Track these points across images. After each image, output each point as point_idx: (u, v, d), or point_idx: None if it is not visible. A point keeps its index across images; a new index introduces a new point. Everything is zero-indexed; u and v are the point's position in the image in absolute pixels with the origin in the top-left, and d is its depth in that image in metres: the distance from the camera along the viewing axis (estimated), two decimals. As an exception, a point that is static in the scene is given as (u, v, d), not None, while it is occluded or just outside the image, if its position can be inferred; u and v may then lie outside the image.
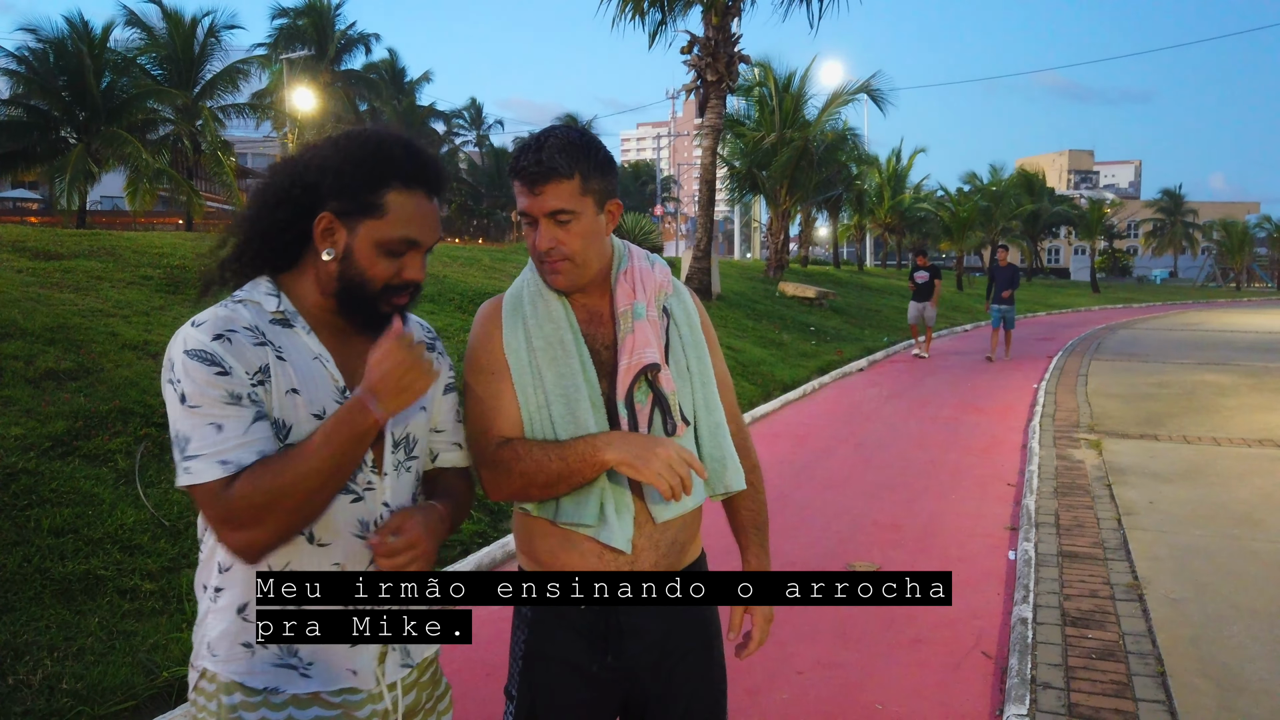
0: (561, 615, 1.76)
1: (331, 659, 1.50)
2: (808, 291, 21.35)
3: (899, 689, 3.79)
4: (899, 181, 40.39)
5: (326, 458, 1.39)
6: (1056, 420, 9.62)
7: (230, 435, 1.38)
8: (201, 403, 1.38)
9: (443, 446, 1.71)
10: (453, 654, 4.01)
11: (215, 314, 1.45)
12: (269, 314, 1.49)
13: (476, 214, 48.80)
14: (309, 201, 1.48)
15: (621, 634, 1.75)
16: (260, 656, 1.48)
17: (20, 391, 5.29)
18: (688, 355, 1.80)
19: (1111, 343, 19.32)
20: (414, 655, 1.63)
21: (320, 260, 1.50)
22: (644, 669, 1.78)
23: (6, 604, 3.69)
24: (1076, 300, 39.92)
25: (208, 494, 1.39)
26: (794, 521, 6.20)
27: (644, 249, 1.89)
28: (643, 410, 1.71)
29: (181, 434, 1.40)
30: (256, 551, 1.41)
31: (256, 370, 1.43)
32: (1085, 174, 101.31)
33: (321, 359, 1.51)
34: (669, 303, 1.82)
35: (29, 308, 6.62)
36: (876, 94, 22.28)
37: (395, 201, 1.46)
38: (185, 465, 1.39)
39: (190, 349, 1.40)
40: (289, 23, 41.43)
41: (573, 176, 1.63)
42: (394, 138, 1.51)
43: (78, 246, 9.29)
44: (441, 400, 1.69)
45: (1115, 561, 5.14)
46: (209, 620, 1.51)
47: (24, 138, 23.68)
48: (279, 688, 1.47)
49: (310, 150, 1.51)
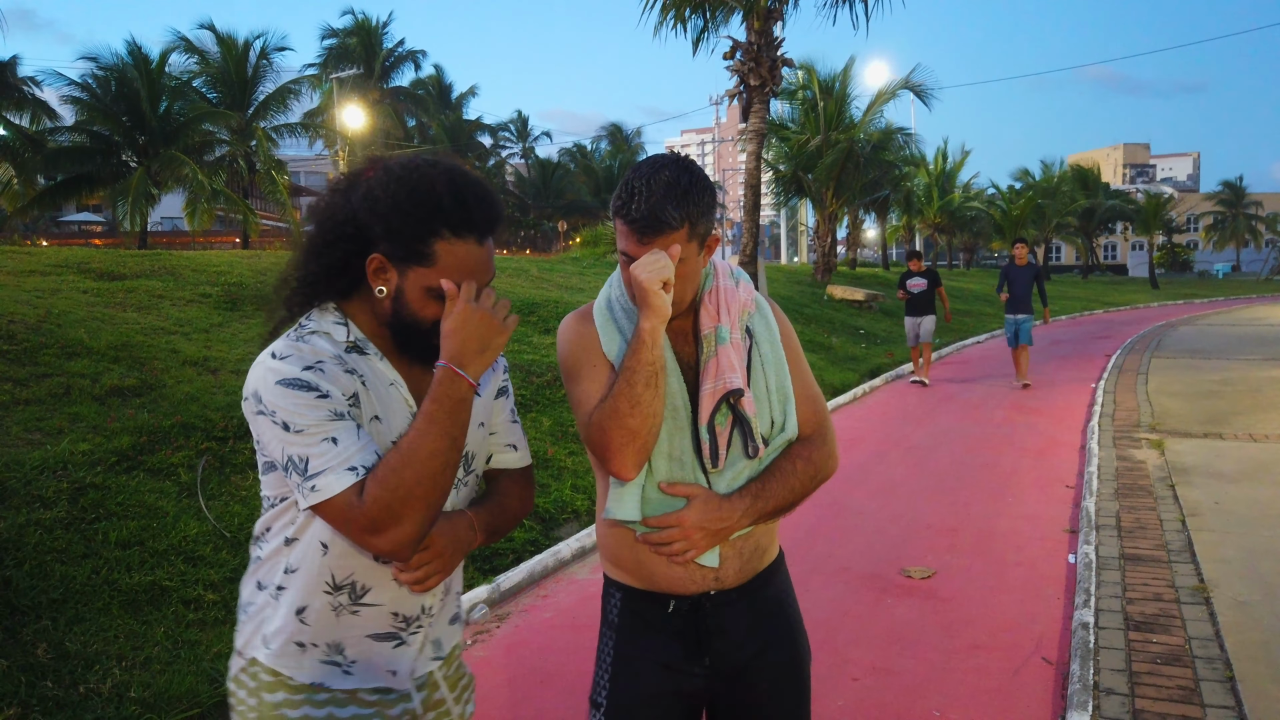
0: (650, 623, 1.79)
1: (373, 660, 1.57)
2: (856, 294, 21.16)
3: (957, 695, 3.73)
4: (948, 180, 39.88)
5: (438, 435, 1.42)
6: (1116, 420, 9.41)
7: (347, 445, 1.42)
8: (307, 425, 1.41)
9: (497, 448, 1.74)
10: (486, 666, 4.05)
11: (296, 347, 1.48)
12: (342, 343, 1.52)
13: (524, 225, 49.18)
14: (362, 240, 1.50)
15: (710, 634, 1.77)
16: (310, 655, 1.55)
17: (87, 408, 5.46)
18: (767, 375, 1.80)
19: (1172, 340, 18.85)
20: (444, 647, 1.69)
21: (375, 294, 1.52)
22: (733, 670, 1.80)
23: (77, 615, 3.81)
24: (1135, 297, 39.00)
25: (342, 507, 1.40)
26: (848, 527, 6.14)
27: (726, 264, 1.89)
28: (722, 433, 1.73)
29: (297, 457, 1.42)
30: (407, 547, 1.43)
31: (350, 395, 1.47)
32: (1141, 168, 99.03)
33: (396, 385, 1.55)
34: (752, 322, 1.83)
35: (94, 327, 6.83)
36: (920, 89, 22.02)
37: (444, 250, 1.48)
38: (311, 484, 1.41)
39: (283, 379, 1.43)
40: (338, 42, 42.30)
41: (681, 227, 1.64)
42: (443, 182, 1.49)
43: (139, 267, 9.57)
44: (495, 405, 1.73)
45: (1180, 564, 5.01)
46: (267, 613, 1.57)
47: (88, 162, 24.50)
48: (324, 683, 1.54)
49: (362, 186, 1.52)
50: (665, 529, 1.69)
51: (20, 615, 3.69)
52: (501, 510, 1.69)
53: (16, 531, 4.11)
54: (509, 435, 1.76)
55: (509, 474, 1.76)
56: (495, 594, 4.80)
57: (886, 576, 5.12)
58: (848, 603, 4.76)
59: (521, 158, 54.65)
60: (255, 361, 1.49)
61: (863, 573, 5.19)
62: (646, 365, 1.60)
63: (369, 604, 1.56)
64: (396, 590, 1.57)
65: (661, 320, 1.61)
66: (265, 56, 28.62)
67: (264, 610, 1.58)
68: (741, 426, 1.74)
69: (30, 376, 5.70)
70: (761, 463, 1.76)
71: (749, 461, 1.75)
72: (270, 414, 1.43)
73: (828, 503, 6.76)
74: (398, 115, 43.76)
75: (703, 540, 1.68)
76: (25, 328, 6.41)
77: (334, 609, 1.55)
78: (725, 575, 1.77)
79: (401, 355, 1.57)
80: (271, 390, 1.43)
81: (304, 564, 1.53)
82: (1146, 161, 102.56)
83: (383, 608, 1.57)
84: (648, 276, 1.59)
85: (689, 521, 1.67)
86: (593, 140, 60.25)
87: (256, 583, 1.61)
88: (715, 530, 1.68)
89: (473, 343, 1.45)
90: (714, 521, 1.68)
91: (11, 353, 5.95)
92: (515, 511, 1.72)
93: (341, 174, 1.60)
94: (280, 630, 1.55)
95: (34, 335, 6.30)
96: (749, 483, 1.73)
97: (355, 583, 1.54)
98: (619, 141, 59.40)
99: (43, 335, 6.34)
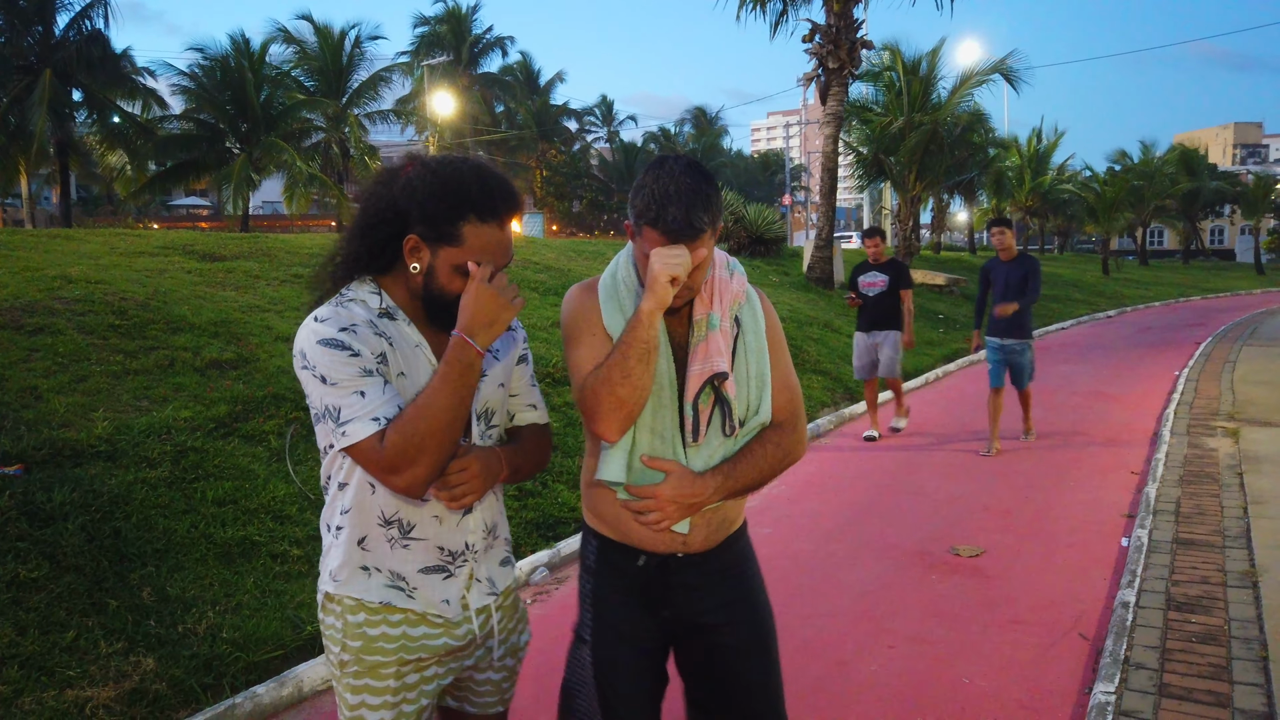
0: (622, 570, 2.02)
1: (431, 590, 1.85)
2: (937, 278, 20.87)
3: (988, 665, 3.87)
4: (1040, 163, 38.71)
5: (450, 393, 1.68)
6: (1194, 408, 9.22)
7: (373, 398, 1.68)
8: (340, 379, 1.68)
9: (519, 408, 2.01)
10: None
11: (336, 312, 1.74)
12: (375, 310, 1.80)
13: (607, 209, 49.59)
14: (400, 223, 1.76)
15: (673, 589, 2.00)
16: (375, 579, 1.82)
17: (189, 379, 5.94)
18: (749, 362, 1.99)
19: (1270, 327, 18.12)
20: (498, 584, 1.97)
21: (409, 270, 1.79)
22: (691, 624, 2.02)
23: (177, 564, 4.23)
24: (1237, 283, 37.32)
25: (367, 450, 1.67)
26: (905, 506, 6.25)
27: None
28: (704, 411, 1.93)
29: (331, 407, 1.69)
30: (421, 485, 1.69)
31: (378, 354, 1.74)
32: (1253, 148, 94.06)
33: (421, 347, 1.82)
34: (741, 312, 2.01)
35: (197, 305, 7.36)
36: (1011, 73, 21.49)
37: (471, 232, 1.73)
38: (342, 430, 1.68)
39: (322, 339, 1.69)
40: (429, 30, 43.21)
41: (707, 230, 1.82)
42: (471, 174, 1.75)
43: (238, 249, 10.18)
44: (516, 369, 1.99)
45: (1234, 549, 5.00)
46: (332, 553, 1.85)
47: (194, 149, 25.79)
48: (391, 603, 1.81)
49: (402, 179, 1.79)
50: (643, 500, 1.89)
51: (128, 562, 4.12)
52: (524, 454, 1.95)
53: (125, 488, 4.56)
54: (529, 396, 2.02)
55: (530, 428, 2.02)
56: (555, 558, 5.11)
57: (935, 554, 5.24)
58: (891, 577, 4.91)
59: (606, 142, 55.01)
60: (302, 324, 1.76)
61: (912, 550, 5.32)
62: (641, 342, 1.80)
63: (417, 538, 1.82)
64: (439, 527, 1.84)
65: (662, 306, 1.80)
66: (359, 45, 29.62)
67: (330, 552, 1.85)
68: (722, 407, 1.94)
69: (139, 349, 6.21)
70: (735, 444, 1.96)
71: (725, 441, 1.95)
72: (312, 368, 1.70)
73: (887, 482, 6.87)
74: (486, 101, 44.57)
75: (676, 512, 1.88)
76: (135, 305, 6.96)
77: (389, 540, 1.80)
78: (693, 541, 1.97)
79: (430, 324, 1.83)
80: (313, 348, 1.70)
81: (357, 502, 1.79)
82: (1259, 141, 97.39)
83: (429, 541, 1.83)
84: (662, 268, 1.77)
85: (665, 495, 1.86)
86: (676, 124, 60.31)
87: (326, 525, 1.88)
88: (688, 504, 1.88)
89: (482, 316, 1.71)
90: (687, 496, 1.87)
91: (123, 327, 6.49)
92: (535, 458, 1.98)
93: (383, 168, 1.88)
94: (345, 562, 1.81)
95: (143, 312, 6.84)
96: (722, 462, 1.93)
97: (402, 519, 1.81)
98: (702, 125, 59.29)
99: (150, 312, 6.88)
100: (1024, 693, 3.63)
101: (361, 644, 1.80)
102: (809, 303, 15.15)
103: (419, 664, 1.84)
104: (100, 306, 6.75)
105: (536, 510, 5.63)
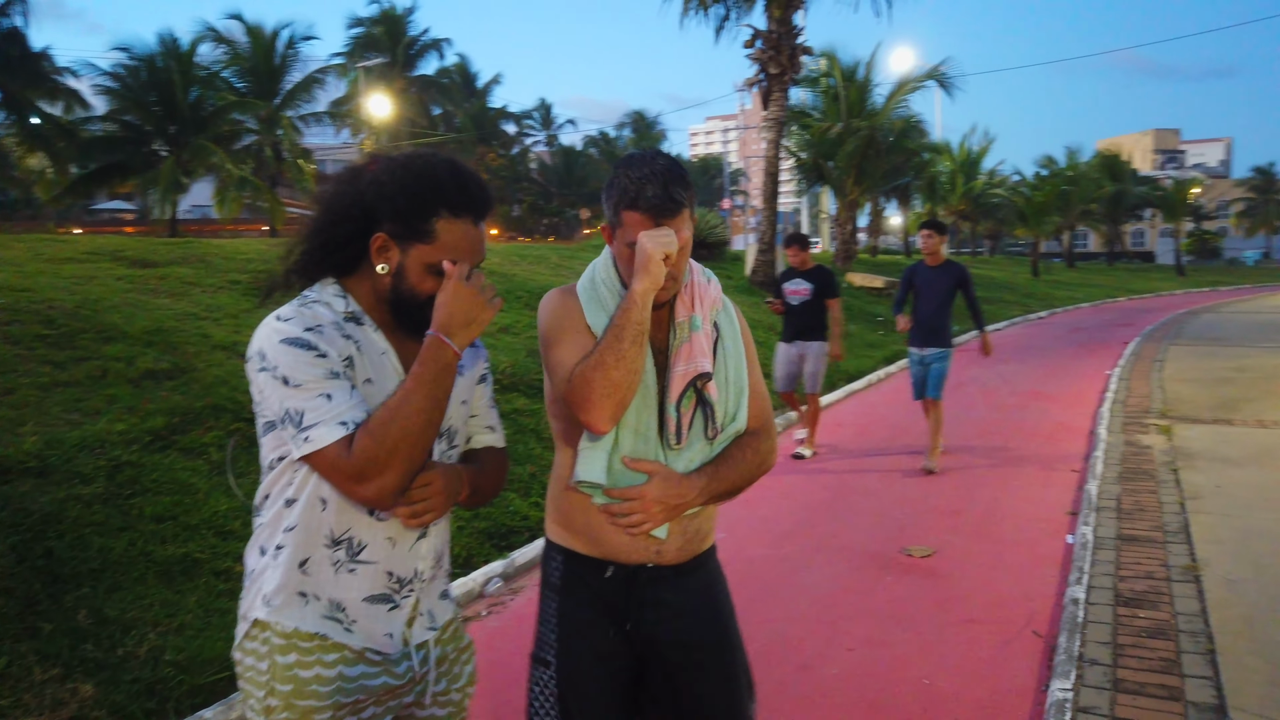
0: (589, 585, 1.95)
1: (372, 624, 1.70)
2: (875, 282, 21.19)
3: (948, 666, 3.90)
4: (972, 168, 39.62)
5: (425, 395, 1.58)
6: (1128, 406, 9.49)
7: (340, 401, 1.57)
8: (305, 381, 1.56)
9: (477, 429, 1.91)
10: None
11: (299, 311, 1.63)
12: (341, 313, 1.69)
13: (546, 213, 49.42)
14: (367, 221, 1.67)
15: (640, 604, 1.93)
16: (312, 607, 1.66)
17: (123, 390, 5.72)
18: (728, 367, 1.97)
19: (1193, 327, 18.79)
20: (438, 619, 1.83)
21: (375, 272, 1.70)
22: (651, 641, 1.95)
23: (115, 584, 4.05)
24: (1159, 284, 38.69)
25: (331, 458, 1.55)
26: (854, 509, 6.30)
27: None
28: (686, 413, 1.90)
29: (293, 410, 1.56)
30: (390, 496, 1.57)
31: (345, 358, 1.63)
32: (1171, 154, 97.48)
33: (388, 354, 1.72)
34: (719, 318, 2.00)
35: (129, 313, 7.10)
36: (945, 79, 21.97)
37: (443, 228, 1.64)
38: (304, 435, 1.55)
39: (286, 338, 1.58)
40: (364, 31, 42.51)
41: (687, 205, 1.82)
42: (444, 168, 1.66)
43: (171, 254, 9.86)
44: (477, 389, 1.90)
45: (1175, 544, 5.14)
46: (268, 574, 1.67)
47: (119, 151, 24.91)
48: (328, 635, 1.65)
49: (370, 173, 1.70)
50: (626, 501, 1.84)
51: (62, 583, 3.93)
52: (484, 475, 1.85)
53: (58, 506, 4.36)
54: (488, 418, 1.93)
55: (487, 450, 1.91)
56: (510, 568, 5.02)
57: (887, 555, 5.28)
58: (847, 579, 4.93)
59: (545, 146, 54.81)
60: (261, 323, 1.65)
61: (865, 552, 5.35)
62: (635, 324, 1.75)
63: (365, 561, 1.68)
64: (390, 551, 1.71)
65: (655, 285, 1.76)
66: (293, 46, 28.94)
67: (264, 573, 1.67)
68: (705, 409, 1.91)
69: (69, 360, 5.96)
70: (713, 450, 1.93)
71: (705, 444, 1.92)
72: (272, 369, 1.58)
73: (836, 485, 6.92)
74: (423, 104, 44.00)
75: (660, 514, 1.84)
76: (64, 313, 6.68)
77: (333, 564, 1.66)
78: (667, 550, 1.92)
79: (397, 328, 1.73)
80: (275, 347, 1.58)
81: (303, 520, 1.64)
82: (1177, 147, 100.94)
83: (378, 565, 1.69)
84: (654, 245, 1.74)
85: (650, 495, 1.83)
86: (616, 127, 60.39)
87: (259, 549, 1.71)
88: (672, 506, 1.85)
89: (460, 315, 1.62)
90: (673, 497, 1.84)
91: (51, 337, 6.22)
92: (494, 480, 1.88)
93: (346, 166, 1.79)
94: (282, 586, 1.65)
95: (72, 320, 6.57)
96: (704, 465, 1.90)
97: (352, 538, 1.66)
98: (642, 129, 59.44)
99: (80, 320, 6.61)
100: (984, 692, 3.67)
101: (292, 687, 1.63)
102: (752, 306, 15.25)
103: (355, 706, 1.68)
104: (26, 315, 6.46)
105: (489, 520, 5.54)
